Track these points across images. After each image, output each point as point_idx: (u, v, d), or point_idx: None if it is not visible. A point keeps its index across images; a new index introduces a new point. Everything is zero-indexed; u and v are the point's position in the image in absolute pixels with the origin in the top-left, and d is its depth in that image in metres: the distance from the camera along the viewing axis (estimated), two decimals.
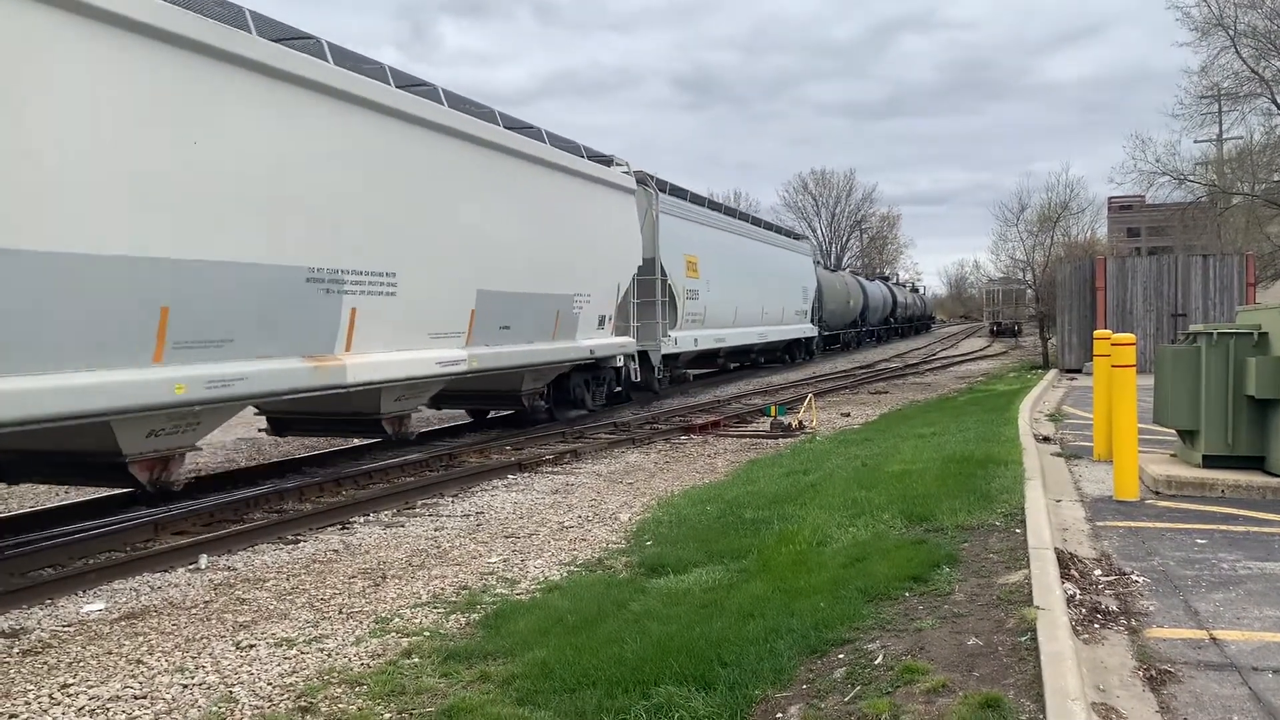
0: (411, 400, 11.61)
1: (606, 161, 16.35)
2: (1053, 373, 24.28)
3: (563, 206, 14.24)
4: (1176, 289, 23.74)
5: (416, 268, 10.86)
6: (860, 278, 51.84)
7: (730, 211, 26.62)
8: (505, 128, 12.81)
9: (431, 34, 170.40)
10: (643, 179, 18.71)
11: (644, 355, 18.53)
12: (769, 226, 31.12)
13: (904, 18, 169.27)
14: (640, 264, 17.52)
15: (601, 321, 15.73)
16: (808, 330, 33.24)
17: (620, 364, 17.06)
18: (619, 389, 18.13)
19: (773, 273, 28.58)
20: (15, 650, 5.81)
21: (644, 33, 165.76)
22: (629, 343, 17.22)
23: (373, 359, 10.17)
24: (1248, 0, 28.83)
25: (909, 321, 67.42)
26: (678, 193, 21.79)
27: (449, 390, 13.18)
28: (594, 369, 16.53)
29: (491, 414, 17.08)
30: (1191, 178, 32.89)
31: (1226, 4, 29.11)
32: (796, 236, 35.71)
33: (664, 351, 19.41)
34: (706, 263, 22.11)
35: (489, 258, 12.26)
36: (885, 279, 65.28)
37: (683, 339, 20.70)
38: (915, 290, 77.88)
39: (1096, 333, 10.86)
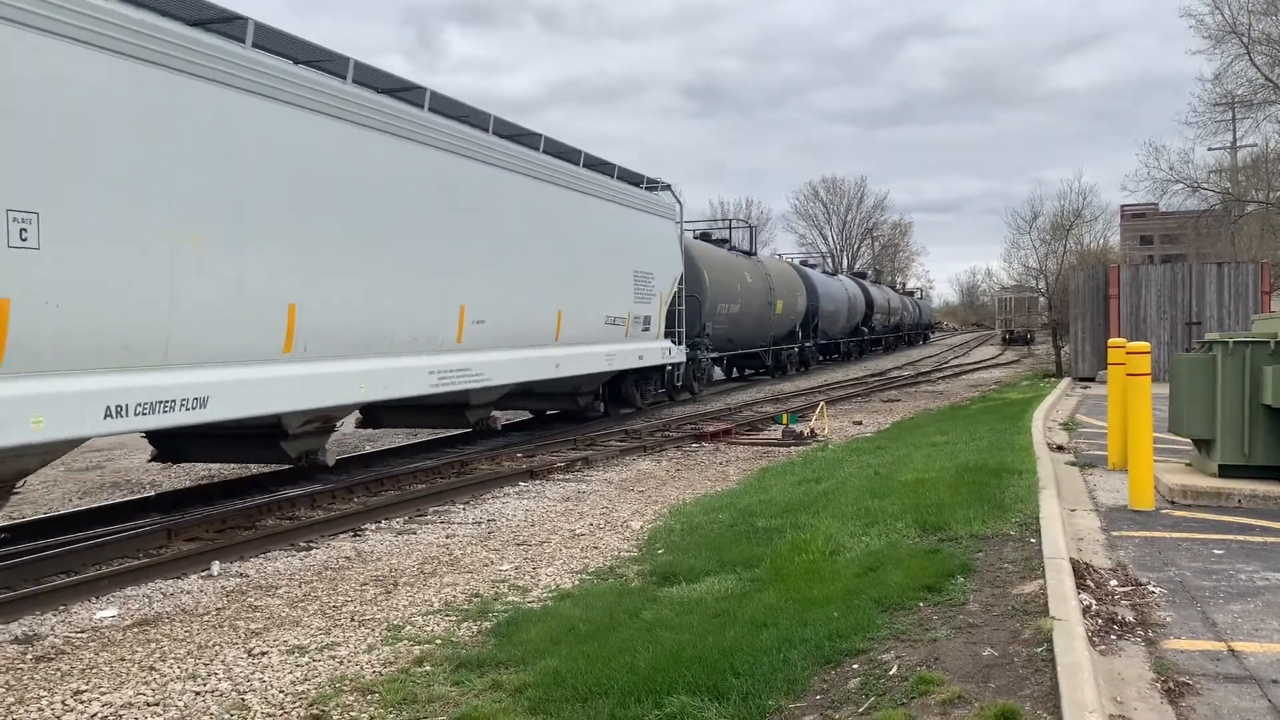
0: None
1: None
2: (1066, 381, 24.17)
3: None
4: (1191, 297, 23.61)
5: None
6: (811, 269, 37.89)
7: (320, 58, 9.70)
8: None
9: (437, 42, 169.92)
10: None
11: None
12: (520, 136, 13.43)
13: (912, 25, 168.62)
14: None
15: None
16: (658, 352, 18.01)
17: None
18: None
19: (521, 237, 13.12)
20: (29, 656, 5.82)
21: (650, 41, 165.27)
22: None
23: None
24: (1262, 7, 28.75)
25: (895, 331, 53.37)
26: None
27: None
28: None
29: None
30: (1205, 185, 32.79)
31: (1240, 11, 29.06)
32: (641, 183, 17.73)
33: None
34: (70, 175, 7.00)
35: None
36: (861, 275, 53.00)
37: None
38: (910, 294, 67.61)
39: (1111, 341, 10.79)
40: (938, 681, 4.28)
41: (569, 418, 17.46)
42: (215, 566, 7.90)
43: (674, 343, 18.81)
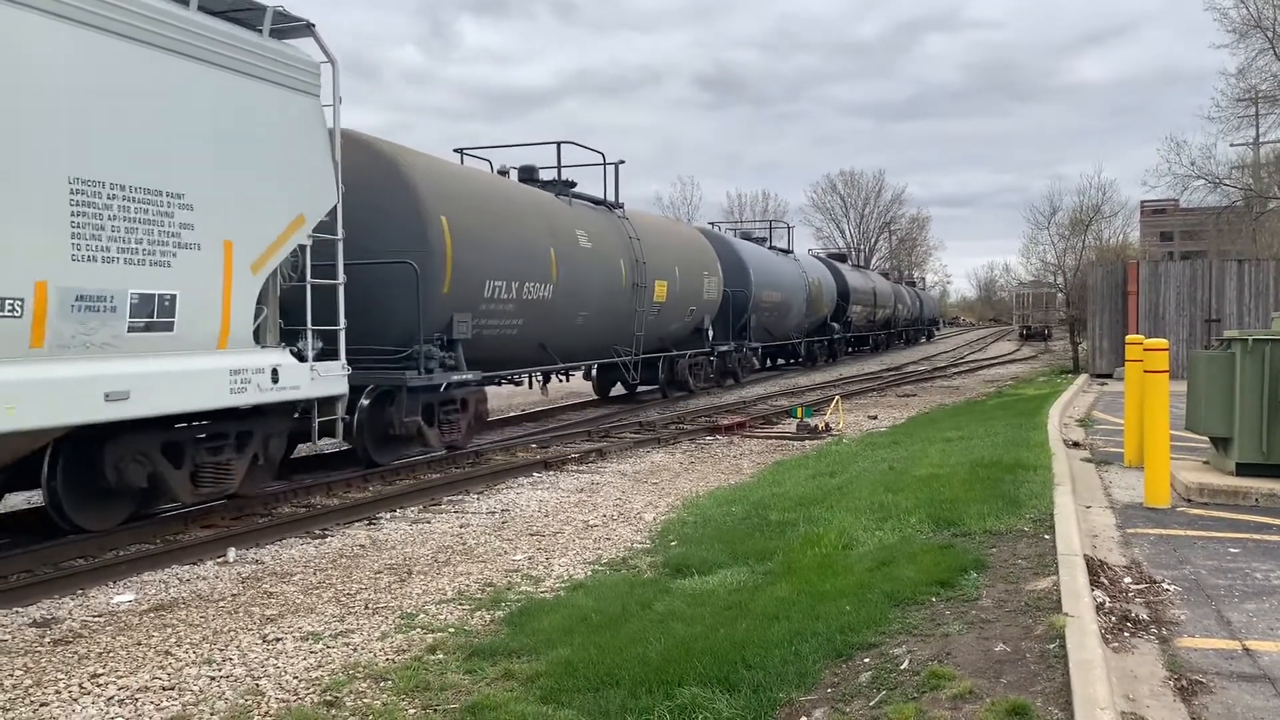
0: None
1: None
2: (1083, 377, 24.04)
3: None
4: (1210, 294, 23.42)
5: None
6: (757, 243, 28.64)
7: None
8: None
9: (451, 32, 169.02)
10: None
11: None
12: None
13: (928, 17, 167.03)
14: None
15: None
16: (221, 379, 7.87)
17: None
18: None
19: None
20: (46, 639, 5.89)
21: (665, 31, 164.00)
22: None
23: None
24: None
25: (885, 327, 44.65)
26: None
27: None
28: None
29: None
30: (1227, 181, 32.49)
31: (1265, 5, 28.73)
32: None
33: None
34: None
35: None
36: (840, 258, 43.32)
37: None
38: (911, 283, 60.80)
39: (1129, 338, 10.72)
40: (949, 676, 4.27)
41: None
42: (231, 553, 7.96)
43: (298, 357, 8.91)
